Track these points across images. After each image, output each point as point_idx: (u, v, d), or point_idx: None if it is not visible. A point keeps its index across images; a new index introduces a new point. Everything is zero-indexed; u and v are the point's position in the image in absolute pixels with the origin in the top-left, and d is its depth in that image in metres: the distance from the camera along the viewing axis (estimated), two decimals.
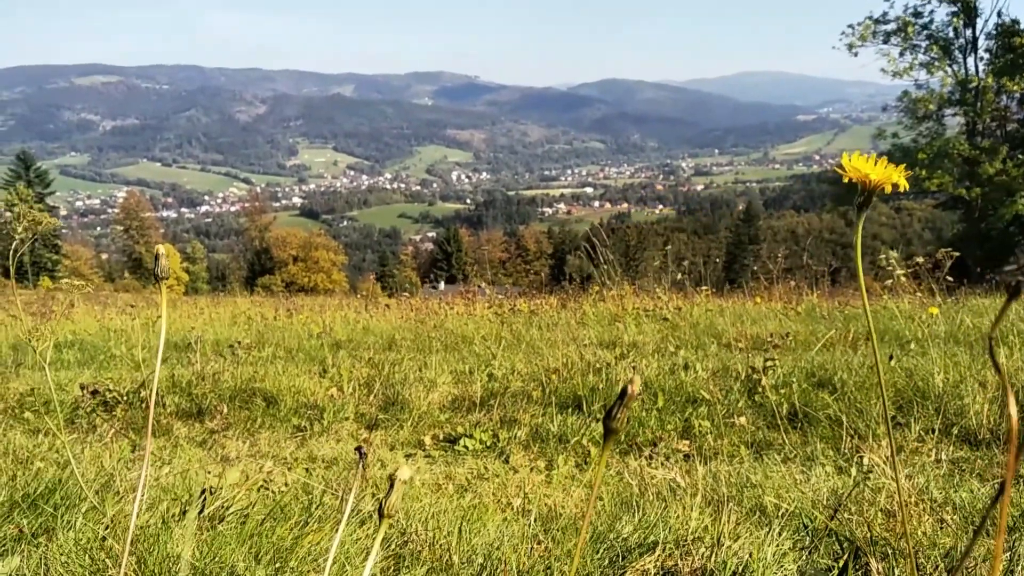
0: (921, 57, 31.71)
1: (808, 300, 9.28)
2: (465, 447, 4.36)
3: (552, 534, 2.39)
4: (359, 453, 1.02)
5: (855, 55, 31.92)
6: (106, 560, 1.97)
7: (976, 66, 31.46)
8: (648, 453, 4.03)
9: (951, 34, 31.54)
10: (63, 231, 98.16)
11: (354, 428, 4.93)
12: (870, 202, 1.30)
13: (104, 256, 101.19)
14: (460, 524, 2.39)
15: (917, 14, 31.49)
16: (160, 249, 1.34)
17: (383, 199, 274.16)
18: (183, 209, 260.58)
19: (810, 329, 7.08)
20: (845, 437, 3.79)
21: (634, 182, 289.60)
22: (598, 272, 10.87)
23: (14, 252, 3.29)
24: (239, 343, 7.28)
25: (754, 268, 13.92)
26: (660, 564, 2.12)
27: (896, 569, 1.92)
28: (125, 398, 5.36)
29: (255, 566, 1.94)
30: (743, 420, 4.27)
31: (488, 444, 4.38)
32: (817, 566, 2.05)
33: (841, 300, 9.52)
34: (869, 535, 1.99)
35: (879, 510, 2.30)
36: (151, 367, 6.86)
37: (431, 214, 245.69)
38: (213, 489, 2.47)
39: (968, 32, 31.37)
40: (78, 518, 2.29)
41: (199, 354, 6.78)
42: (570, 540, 2.31)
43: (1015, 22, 30.05)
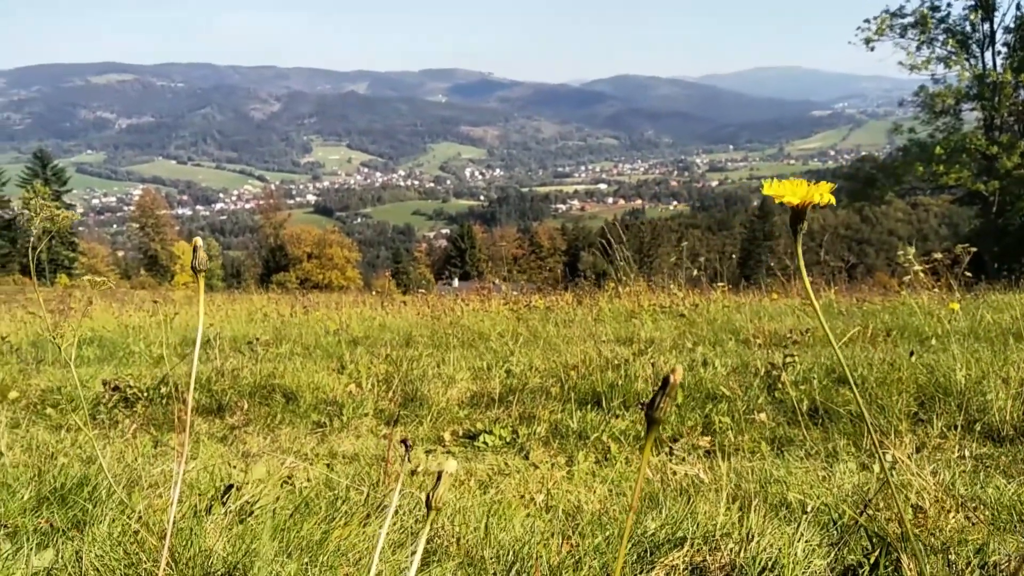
0: (938, 51, 31.46)
1: (825, 296, 9.24)
2: (485, 443, 4.37)
3: (579, 530, 2.39)
4: (404, 445, 1.02)
5: (872, 49, 31.70)
6: (140, 554, 1.99)
7: (994, 60, 31.19)
8: (669, 449, 4.03)
9: (968, 28, 31.28)
10: (80, 228, 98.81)
11: (373, 424, 4.94)
12: (800, 221, 1.27)
13: (120, 253, 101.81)
14: (486, 520, 2.40)
15: (934, 8, 31.24)
16: (198, 241, 1.35)
17: (397, 196, 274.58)
18: (198, 207, 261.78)
19: (829, 325, 7.05)
20: (867, 433, 3.77)
21: (648, 178, 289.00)
22: (613, 269, 10.86)
23: (33, 248, 3.31)
24: (257, 340, 7.31)
25: (770, 264, 13.88)
26: (689, 560, 2.12)
27: (927, 566, 1.91)
28: (145, 394, 5.40)
29: (286, 560, 1.95)
30: (763, 416, 4.26)
31: (508, 440, 4.39)
32: (847, 562, 2.05)
33: (859, 296, 9.48)
34: (900, 531, 1.99)
35: (910, 506, 2.29)
36: (170, 363, 6.90)
37: (445, 211, 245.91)
38: (239, 484, 2.49)
39: (986, 26, 31.11)
40: (108, 513, 2.30)
41: (218, 350, 6.82)
42: (596, 536, 2.31)
43: None
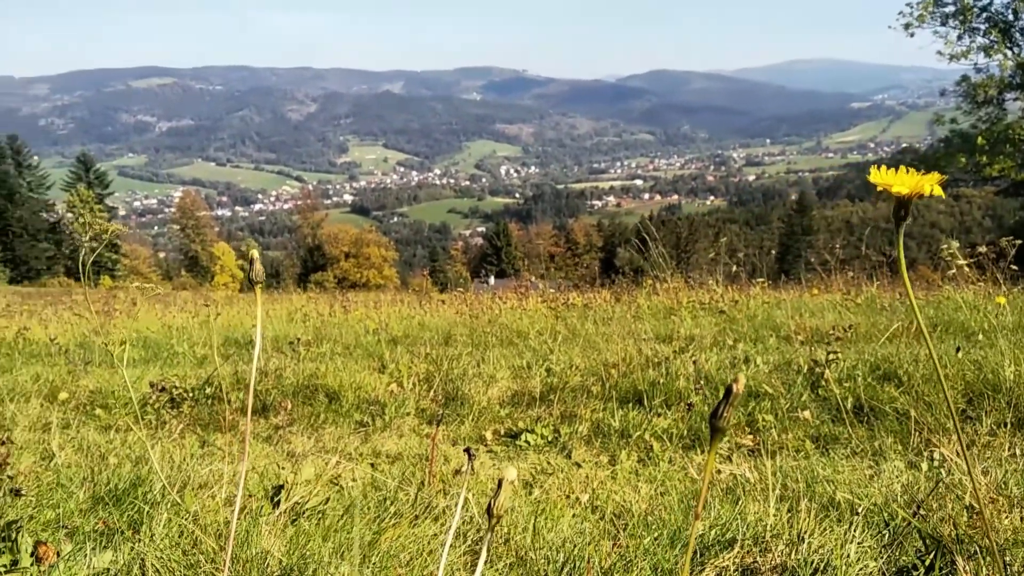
0: (980, 40, 30.84)
1: (867, 291, 9.12)
2: (527, 442, 4.38)
3: (628, 531, 2.39)
4: (468, 455, 1.04)
5: (911, 35, 31.12)
6: (198, 555, 2.02)
7: None
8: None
9: (1011, 16, 30.64)
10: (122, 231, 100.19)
11: (415, 423, 4.97)
12: (904, 212, 1.24)
13: (161, 255, 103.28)
14: (534, 520, 2.41)
15: None
16: (254, 253, 1.35)
17: (433, 195, 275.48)
18: (237, 207, 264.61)
19: (871, 321, 6.96)
20: (913, 431, 3.72)
21: (684, 173, 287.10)
22: (650, 265, 10.81)
23: (83, 263, 3.38)
24: (298, 340, 7.38)
25: (809, 259, 13.74)
26: (739, 561, 2.12)
27: (983, 567, 1.89)
28: (191, 394, 5.48)
29: (339, 562, 1.97)
30: (807, 414, 4.22)
31: (549, 439, 4.39)
32: (900, 563, 2.03)
33: (902, 291, 9.34)
34: (954, 532, 1.96)
35: (963, 507, 2.26)
36: (213, 364, 7.00)
37: (480, 209, 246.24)
38: (288, 485, 2.53)
39: None
40: (163, 514, 2.35)
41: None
42: (644, 537, 2.31)
43: None
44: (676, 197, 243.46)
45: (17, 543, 1.97)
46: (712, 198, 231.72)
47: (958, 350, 4.53)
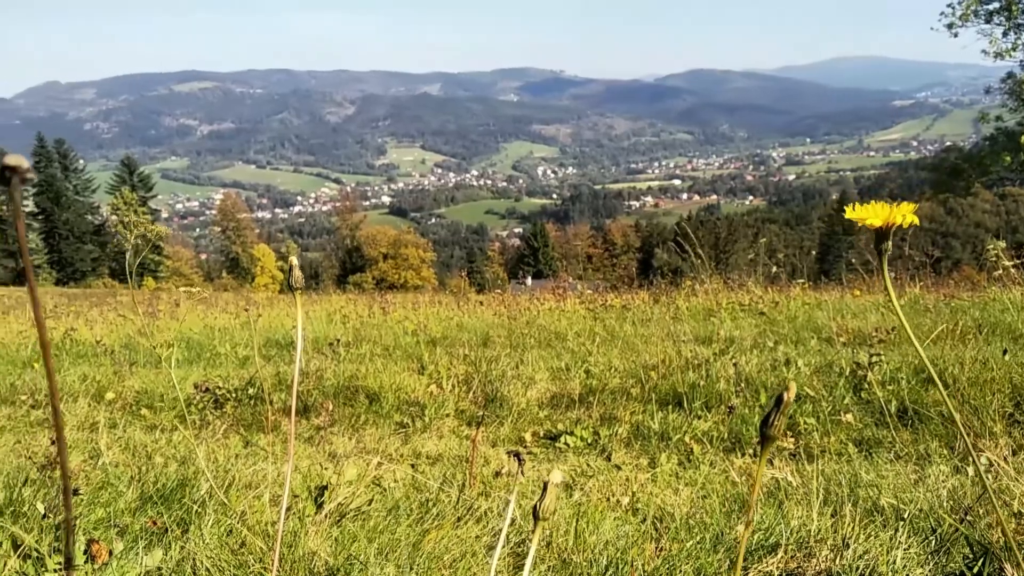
0: None
1: (910, 292, 8.99)
2: (566, 444, 4.38)
3: (670, 534, 2.39)
4: (517, 459, 1.05)
5: (955, 35, 30.63)
6: (247, 555, 2.06)
7: None
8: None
9: None
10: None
11: (455, 425, 5.00)
12: (884, 242, 1.26)
13: (203, 256, 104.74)
14: (575, 523, 2.42)
15: None
16: (294, 260, 1.37)
17: (470, 196, 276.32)
18: (277, 210, 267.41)
19: (915, 322, 6.86)
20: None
21: (723, 173, 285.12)
22: (689, 266, 10.75)
23: (129, 265, 3.43)
24: (338, 341, 7.45)
25: (850, 259, 13.56)
26: (783, 566, 2.10)
27: None
28: (234, 395, 5.56)
29: (384, 563, 2.00)
30: (850, 417, 4.18)
31: (589, 441, 4.39)
32: (947, 570, 2.01)
33: (946, 292, 9.19)
34: (1002, 540, 1.93)
35: (1011, 513, 2.23)
36: (255, 365, 7.09)
37: (517, 210, 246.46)
38: (331, 486, 2.56)
39: None
40: (210, 514, 2.39)
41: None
42: (687, 540, 2.31)
43: None
44: (715, 197, 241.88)
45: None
46: (751, 198, 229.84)
47: (1005, 352, 4.46)
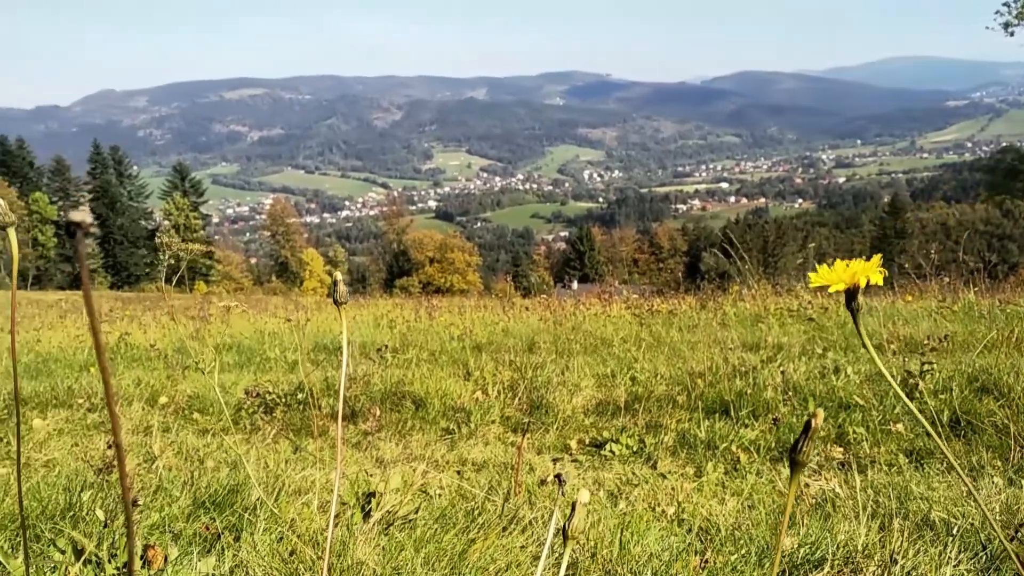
0: None
1: (965, 298, 8.80)
2: (611, 452, 4.37)
3: (714, 546, 2.38)
4: (559, 480, 1.06)
5: (1011, 35, 30.04)
6: (298, 564, 2.10)
7: None
8: None
9: None
10: (215, 237, 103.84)
11: (500, 431, 5.02)
12: (853, 300, 1.27)
13: (253, 260, 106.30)
14: (619, 533, 2.42)
15: None
16: (338, 275, 1.40)
17: (516, 200, 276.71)
18: (325, 214, 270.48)
19: (969, 329, 6.74)
20: (1014, 447, 3.60)
21: (771, 176, 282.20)
22: (736, 270, 10.66)
23: (178, 276, 3.50)
24: (385, 346, 7.52)
25: (903, 264, 13.33)
26: None
27: None
28: (283, 400, 5.64)
29: (431, 573, 2.02)
30: (900, 427, 4.12)
31: (635, 449, 4.38)
32: None
33: (1001, 297, 8.99)
34: None
35: None
36: (304, 370, 7.18)
37: (563, 213, 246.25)
38: (378, 493, 2.59)
39: None
40: (260, 521, 2.44)
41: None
42: (732, 553, 2.30)
43: None
44: (763, 200, 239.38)
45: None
46: (800, 201, 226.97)
47: None
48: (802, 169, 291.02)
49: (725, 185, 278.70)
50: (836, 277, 1.23)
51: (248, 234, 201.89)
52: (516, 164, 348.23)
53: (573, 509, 1.07)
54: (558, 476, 1.11)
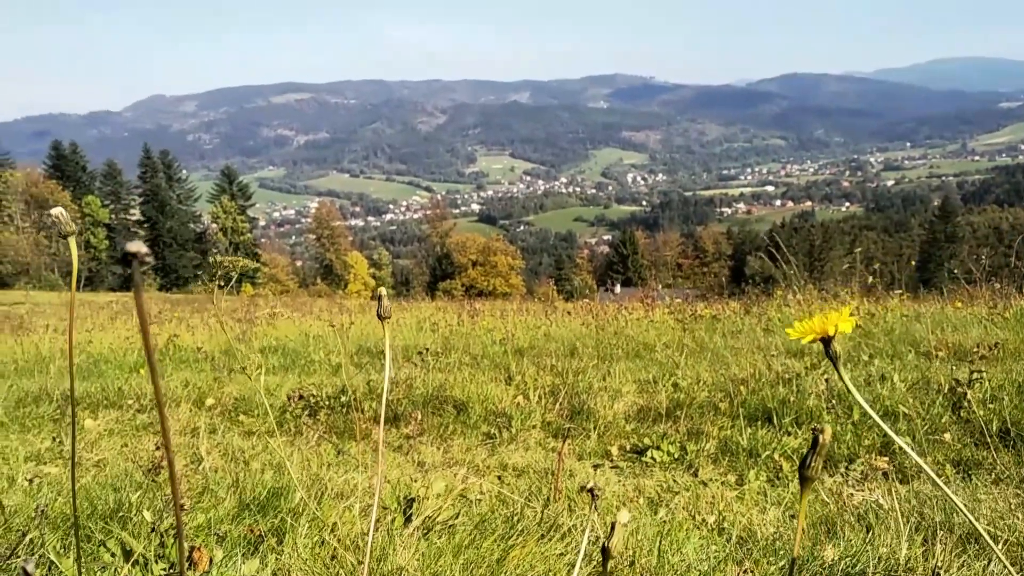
0: None
1: (1017, 304, 8.61)
2: (652, 459, 4.36)
3: (752, 556, 2.37)
4: (592, 494, 1.07)
5: None
6: (339, 569, 2.13)
7: None
8: (844, 469, 3.90)
9: None
10: (262, 240, 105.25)
11: (541, 437, 5.03)
12: (830, 347, 1.29)
13: (298, 263, 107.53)
14: (659, 541, 2.41)
15: None
16: (382, 291, 1.43)
17: (559, 203, 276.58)
18: (369, 217, 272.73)
19: (1021, 337, 6.59)
20: None
21: (818, 179, 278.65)
22: (781, 275, 10.55)
23: (218, 268, 3.56)
24: (427, 350, 7.57)
25: (952, 269, 13.08)
26: None
27: None
28: (327, 403, 5.71)
29: None
30: (947, 437, 4.05)
31: (676, 456, 4.36)
32: None
33: None
34: None
35: None
36: (347, 373, 7.26)
37: (606, 217, 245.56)
38: (419, 498, 2.62)
39: None
40: (303, 525, 2.48)
41: (391, 360, 7.12)
42: (771, 564, 2.28)
43: None
44: (809, 203, 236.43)
45: (173, 548, 2.12)
46: (848, 204, 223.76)
47: None
48: (849, 172, 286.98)
49: (771, 188, 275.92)
50: (808, 328, 1.26)
51: (294, 237, 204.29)
52: (559, 167, 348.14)
53: (612, 529, 1.07)
54: (591, 490, 1.12)
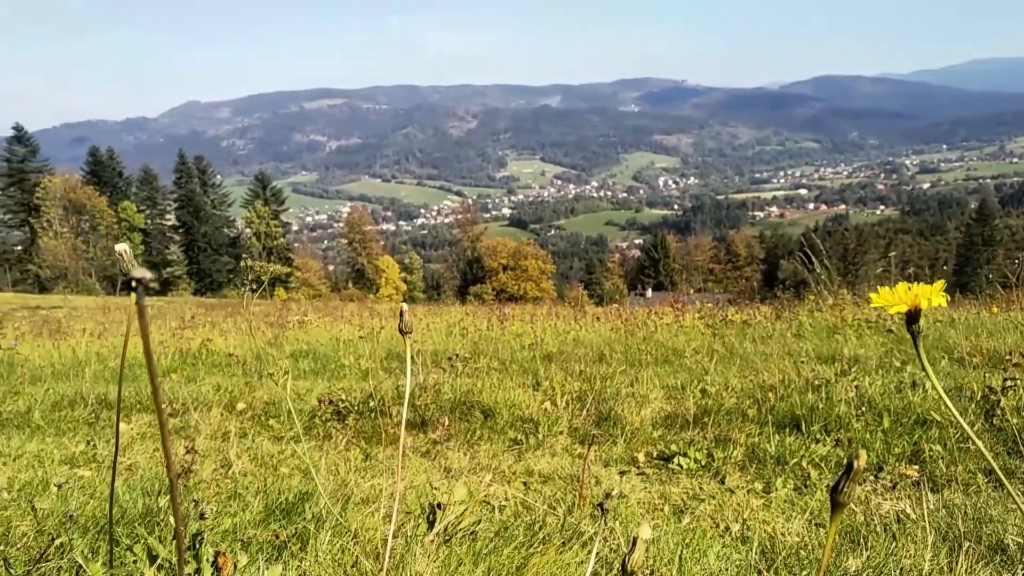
0: None
1: None
2: (679, 466, 4.34)
3: (775, 565, 2.35)
4: (601, 509, 1.08)
5: None
6: None
7: None
8: (874, 476, 3.86)
9: None
10: (294, 245, 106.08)
11: (568, 443, 5.02)
12: (915, 322, 1.25)
13: (331, 267, 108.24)
14: (680, 551, 2.40)
15: None
16: (404, 306, 1.44)
17: (589, 207, 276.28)
18: (400, 222, 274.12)
19: None
20: None
21: (852, 182, 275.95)
22: (814, 279, 10.46)
23: (260, 288, 3.60)
24: (456, 355, 7.59)
25: (988, 274, 12.89)
26: None
27: None
28: (356, 408, 5.75)
29: None
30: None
31: (703, 463, 4.34)
32: None
33: None
34: None
35: None
36: (376, 377, 7.30)
37: (638, 221, 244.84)
38: (442, 505, 2.63)
39: None
40: (326, 532, 2.50)
41: (420, 365, 7.15)
42: (794, 574, 2.27)
43: None
44: (843, 207, 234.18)
45: (199, 553, 2.15)
46: (882, 207, 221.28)
47: None
48: (884, 175, 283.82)
49: (804, 192, 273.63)
50: (897, 299, 1.22)
51: (326, 241, 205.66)
52: (590, 171, 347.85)
53: (634, 544, 1.07)
54: (600, 505, 1.12)
